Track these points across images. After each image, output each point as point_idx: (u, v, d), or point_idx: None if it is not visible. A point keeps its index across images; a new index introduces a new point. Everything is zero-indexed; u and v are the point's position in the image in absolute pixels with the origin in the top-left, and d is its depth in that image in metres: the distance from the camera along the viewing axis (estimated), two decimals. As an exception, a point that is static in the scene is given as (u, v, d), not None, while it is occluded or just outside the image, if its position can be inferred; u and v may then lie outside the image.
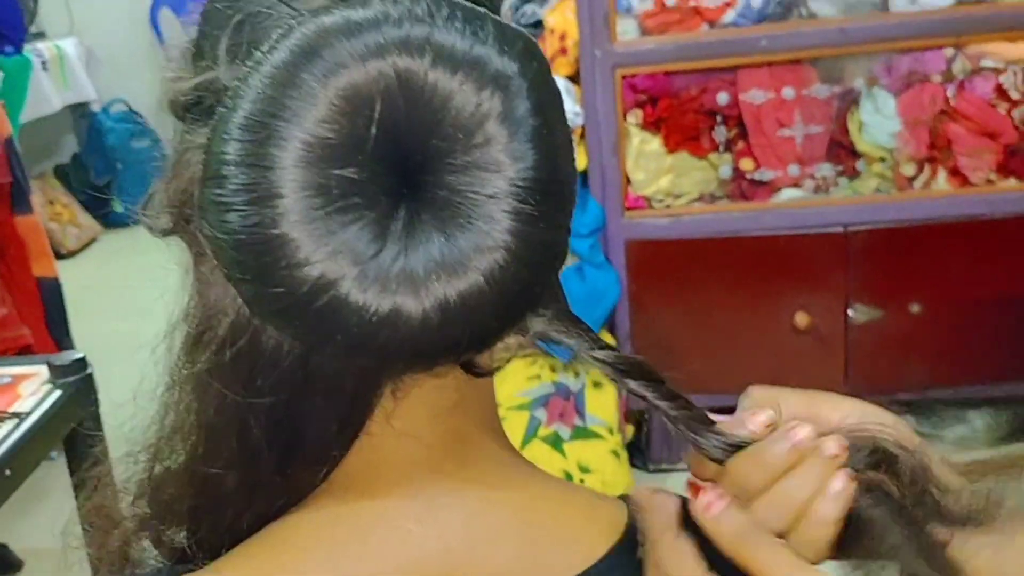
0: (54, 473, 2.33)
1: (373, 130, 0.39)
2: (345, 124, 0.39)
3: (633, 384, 0.46)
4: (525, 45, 0.43)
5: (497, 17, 0.43)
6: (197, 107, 0.45)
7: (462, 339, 0.42)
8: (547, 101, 0.43)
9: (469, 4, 0.42)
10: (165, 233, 0.48)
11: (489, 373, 0.49)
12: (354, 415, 0.47)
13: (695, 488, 0.47)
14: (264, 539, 0.50)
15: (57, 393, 1.26)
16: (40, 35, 4.38)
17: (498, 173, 0.41)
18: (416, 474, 0.49)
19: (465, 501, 0.50)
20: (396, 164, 0.40)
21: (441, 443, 0.50)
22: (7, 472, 1.05)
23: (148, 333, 0.51)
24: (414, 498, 0.49)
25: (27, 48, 3.80)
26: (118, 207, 4.97)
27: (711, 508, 0.45)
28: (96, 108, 4.99)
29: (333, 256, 0.39)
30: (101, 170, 4.98)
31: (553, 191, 0.42)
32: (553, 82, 0.44)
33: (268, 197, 0.39)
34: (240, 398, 0.45)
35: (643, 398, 0.46)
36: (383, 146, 0.40)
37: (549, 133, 0.42)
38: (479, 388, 0.52)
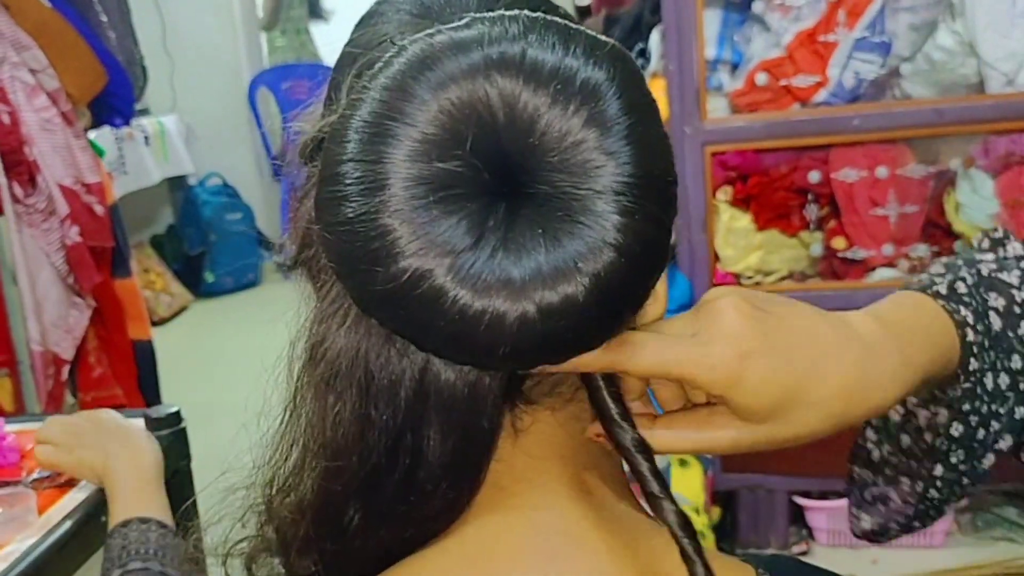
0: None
1: (473, 131, 0.42)
2: (450, 127, 0.42)
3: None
4: (614, 53, 0.44)
5: (588, 31, 0.45)
6: (321, 147, 0.47)
7: (563, 341, 0.43)
8: (639, 103, 0.44)
9: (562, 20, 0.45)
10: (292, 265, 0.51)
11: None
12: (472, 438, 0.47)
13: None
14: None
15: (152, 445, 1.27)
16: (145, 111, 4.59)
17: (598, 168, 0.42)
18: (543, 523, 0.48)
19: (596, 560, 0.48)
20: (495, 163, 0.42)
21: (567, 491, 0.49)
22: (103, 518, 1.06)
23: (233, 400, 0.52)
24: (540, 551, 0.48)
25: (133, 123, 3.98)
26: (209, 277, 5.11)
27: None
28: (193, 181, 5.17)
29: (430, 246, 0.41)
30: (195, 241, 5.14)
31: (654, 188, 0.44)
32: (645, 87, 0.46)
33: (376, 188, 0.42)
34: (356, 407, 0.46)
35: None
36: (482, 145, 0.42)
37: (644, 131, 0.44)
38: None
